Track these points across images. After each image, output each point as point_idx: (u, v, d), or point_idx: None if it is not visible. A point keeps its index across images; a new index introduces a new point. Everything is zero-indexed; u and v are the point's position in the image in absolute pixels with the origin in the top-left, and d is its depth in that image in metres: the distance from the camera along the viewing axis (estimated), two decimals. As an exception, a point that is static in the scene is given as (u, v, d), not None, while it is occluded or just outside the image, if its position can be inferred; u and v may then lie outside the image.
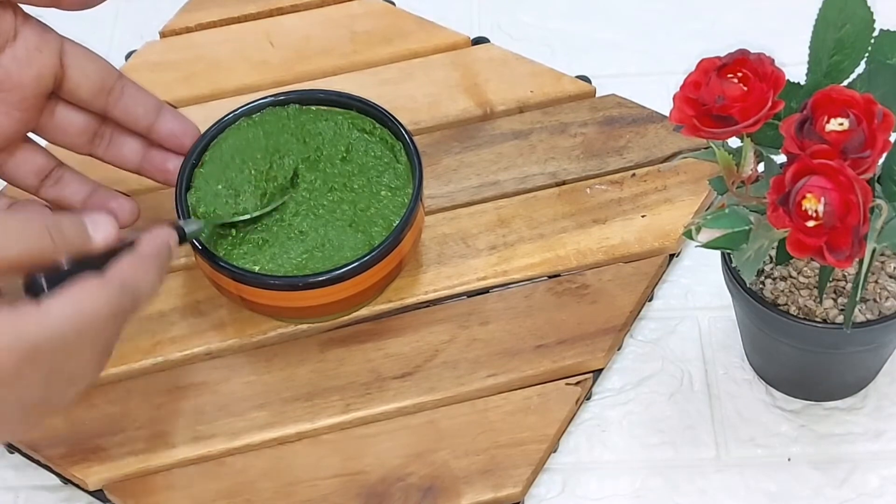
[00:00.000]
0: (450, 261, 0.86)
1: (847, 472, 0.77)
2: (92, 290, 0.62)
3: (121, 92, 0.79)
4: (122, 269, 0.65)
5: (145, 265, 0.67)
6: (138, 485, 0.78)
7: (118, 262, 0.66)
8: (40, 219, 0.63)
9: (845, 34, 0.69)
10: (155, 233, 0.70)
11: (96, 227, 0.66)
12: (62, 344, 0.60)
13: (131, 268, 0.66)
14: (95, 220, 0.66)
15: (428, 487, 0.77)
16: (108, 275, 0.64)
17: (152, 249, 0.68)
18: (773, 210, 0.63)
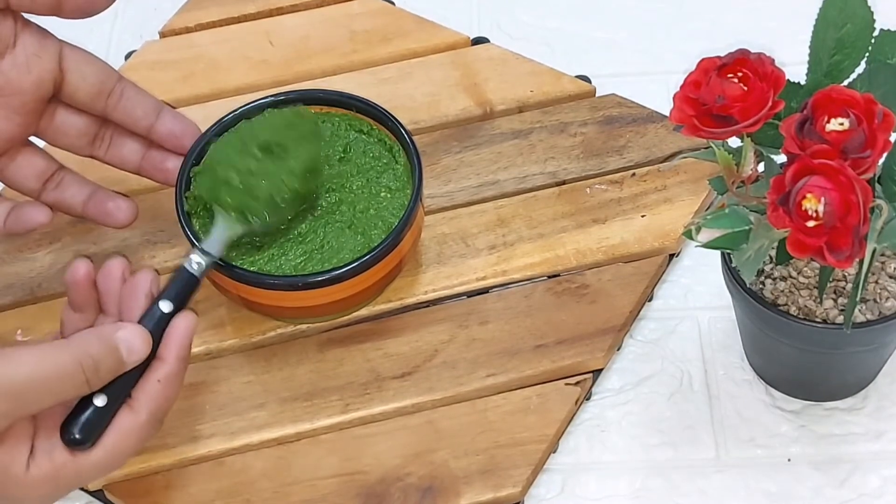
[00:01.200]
0: (449, 261, 0.86)
1: (847, 472, 0.77)
2: (125, 434, 0.67)
3: (120, 94, 0.79)
4: (154, 399, 0.68)
5: (175, 384, 0.69)
6: (138, 484, 0.78)
7: (148, 386, 0.68)
8: (75, 357, 0.65)
9: (846, 34, 0.69)
10: (179, 331, 0.70)
11: (131, 351, 0.67)
12: (91, 477, 0.68)
13: (164, 393, 0.69)
14: (131, 344, 0.67)
15: (427, 487, 0.77)
16: (141, 408, 0.68)
17: (179, 358, 0.69)
18: (773, 210, 0.63)
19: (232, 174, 0.77)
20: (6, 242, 0.89)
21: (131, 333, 0.67)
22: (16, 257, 0.89)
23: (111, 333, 0.67)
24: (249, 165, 0.77)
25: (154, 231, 0.89)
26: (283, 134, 0.79)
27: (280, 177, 0.77)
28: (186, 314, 0.71)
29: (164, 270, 0.87)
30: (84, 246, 0.89)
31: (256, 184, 0.77)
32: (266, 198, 0.77)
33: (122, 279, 0.71)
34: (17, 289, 0.87)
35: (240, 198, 0.77)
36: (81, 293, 0.71)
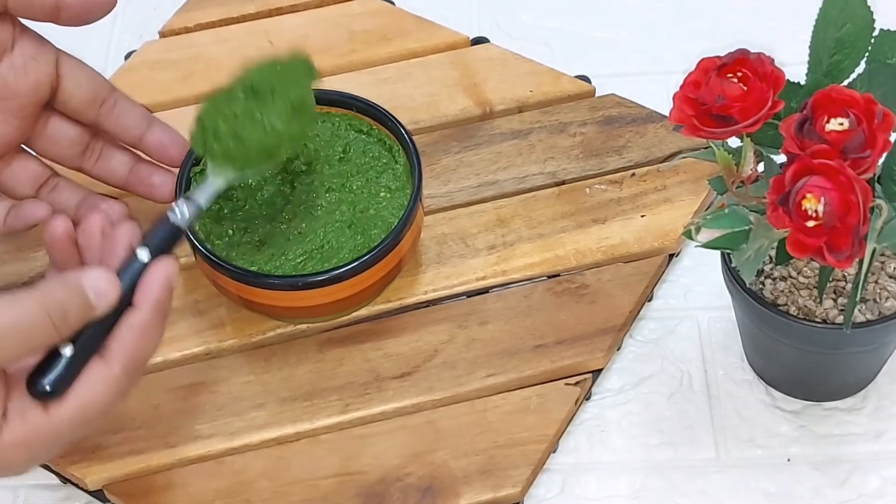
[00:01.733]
0: (449, 261, 0.86)
1: (847, 472, 0.77)
2: (97, 384, 0.64)
3: (113, 103, 0.80)
4: (126, 348, 0.65)
5: (149, 332, 0.66)
6: (137, 484, 0.78)
7: (121, 334, 0.65)
8: (41, 304, 0.62)
9: (845, 34, 0.69)
10: (154, 276, 0.67)
11: (99, 294, 0.64)
12: (68, 435, 0.64)
13: (137, 342, 0.65)
14: (98, 287, 0.64)
15: (427, 488, 0.77)
16: (113, 358, 0.65)
17: (154, 305, 0.66)
18: (772, 210, 0.63)
19: (219, 121, 0.75)
20: (6, 242, 0.89)
21: (97, 277, 0.64)
22: (16, 257, 0.89)
23: (77, 279, 0.64)
24: (234, 110, 0.75)
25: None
26: (269, 76, 0.76)
27: (266, 118, 0.74)
28: (165, 261, 0.67)
29: (163, 270, 0.87)
30: (84, 246, 0.89)
31: (242, 127, 0.74)
32: (254, 141, 0.74)
33: (103, 234, 0.69)
34: (17, 288, 0.87)
35: (226, 143, 0.74)
36: (62, 251, 0.69)
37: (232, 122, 0.74)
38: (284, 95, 0.75)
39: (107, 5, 0.78)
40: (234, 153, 0.74)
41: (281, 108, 0.74)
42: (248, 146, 0.74)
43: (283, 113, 0.74)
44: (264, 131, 0.74)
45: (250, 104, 0.75)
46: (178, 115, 0.94)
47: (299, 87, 0.76)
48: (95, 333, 0.65)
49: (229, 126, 0.74)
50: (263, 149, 0.74)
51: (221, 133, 0.74)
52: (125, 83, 0.97)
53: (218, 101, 0.76)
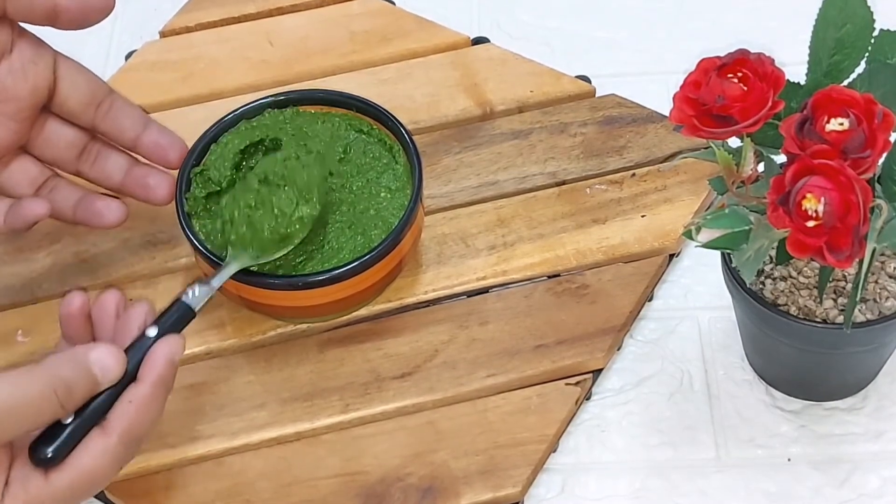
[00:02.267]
0: (449, 261, 0.86)
1: (847, 472, 0.77)
2: (96, 454, 0.66)
3: (110, 105, 0.80)
4: (126, 420, 0.66)
5: (149, 407, 0.67)
6: (138, 484, 0.78)
7: (122, 408, 0.67)
8: (48, 382, 0.64)
9: (845, 34, 0.69)
10: (159, 353, 0.68)
11: (104, 370, 0.66)
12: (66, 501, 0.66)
13: (136, 415, 0.67)
14: (103, 363, 0.66)
15: (427, 488, 0.77)
16: (112, 429, 0.66)
17: (156, 381, 0.68)
18: (773, 210, 0.63)
19: (234, 211, 0.78)
20: (6, 243, 0.89)
21: (105, 353, 0.66)
22: (16, 258, 0.89)
23: (84, 354, 0.66)
24: (248, 200, 0.78)
25: (154, 232, 0.89)
26: (281, 165, 0.79)
27: (278, 206, 0.77)
28: (171, 337, 0.69)
29: (163, 271, 0.87)
30: (84, 247, 0.89)
31: (257, 217, 0.77)
32: (264, 225, 0.77)
33: (117, 313, 0.71)
34: (17, 289, 0.87)
35: (240, 230, 0.77)
36: (76, 325, 0.70)
37: (246, 210, 0.78)
38: (293, 182, 0.78)
39: (104, 10, 0.78)
40: (248, 239, 0.77)
41: (290, 194, 0.78)
42: (259, 231, 0.77)
43: (292, 198, 0.78)
44: (275, 216, 0.77)
45: (262, 192, 0.78)
46: (179, 115, 0.95)
47: (310, 172, 0.79)
48: (99, 404, 0.66)
49: (243, 214, 0.78)
50: (275, 234, 0.77)
51: (236, 221, 0.78)
52: (125, 83, 0.97)
53: (237, 193, 0.80)
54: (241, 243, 0.77)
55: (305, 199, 0.78)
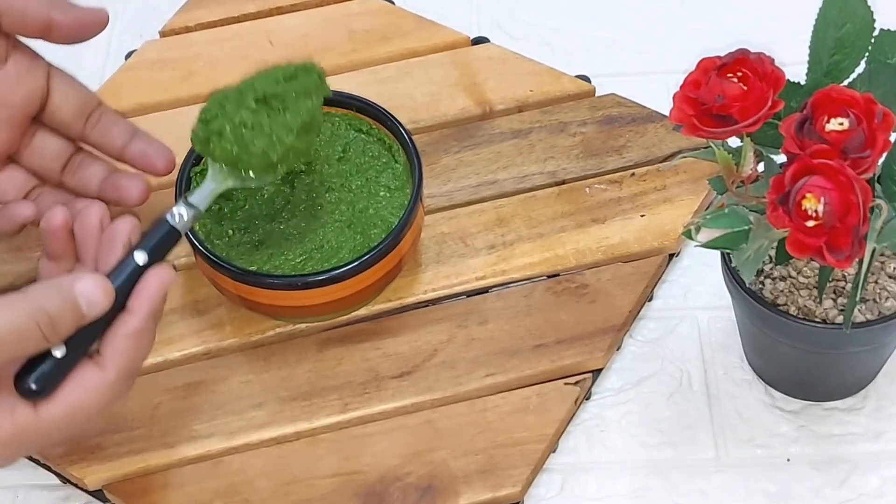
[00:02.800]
0: (448, 260, 0.86)
1: (847, 472, 0.77)
2: (90, 388, 0.65)
3: (99, 117, 0.80)
4: (123, 356, 0.66)
5: (143, 340, 0.67)
6: (137, 484, 0.78)
7: (116, 341, 0.66)
8: (28, 313, 0.62)
9: (845, 33, 0.69)
10: (151, 284, 0.67)
11: (91, 303, 0.65)
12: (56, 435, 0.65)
13: (133, 350, 0.66)
14: (90, 295, 0.64)
15: (426, 487, 0.77)
16: (110, 365, 0.65)
17: (149, 314, 0.67)
18: (772, 210, 0.63)
19: (225, 126, 0.74)
20: (6, 242, 0.89)
21: (91, 285, 0.64)
22: (15, 257, 0.89)
23: (69, 285, 0.64)
24: (244, 118, 0.74)
25: (153, 230, 0.89)
26: (282, 87, 0.76)
27: (275, 131, 0.75)
28: (161, 268, 0.68)
29: (163, 270, 0.87)
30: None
31: (250, 137, 0.74)
32: (259, 152, 0.74)
33: (101, 227, 0.69)
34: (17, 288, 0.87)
35: (231, 150, 0.74)
36: (58, 242, 0.69)
37: (239, 129, 0.74)
38: (296, 111, 0.75)
39: (98, 26, 0.78)
40: (235, 159, 0.74)
41: (291, 124, 0.75)
42: (251, 155, 0.74)
43: (292, 128, 0.75)
44: (271, 143, 0.74)
45: (261, 114, 0.75)
46: (179, 115, 0.95)
47: (310, 102, 0.76)
48: (86, 335, 0.65)
49: (236, 132, 0.74)
50: (266, 159, 0.74)
51: (226, 137, 0.74)
52: (125, 83, 0.97)
53: (225, 102, 0.76)
54: (226, 159, 0.75)
55: (304, 130, 0.75)
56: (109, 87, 0.98)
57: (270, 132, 0.74)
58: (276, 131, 0.74)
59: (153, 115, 0.95)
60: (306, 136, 0.76)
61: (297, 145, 0.75)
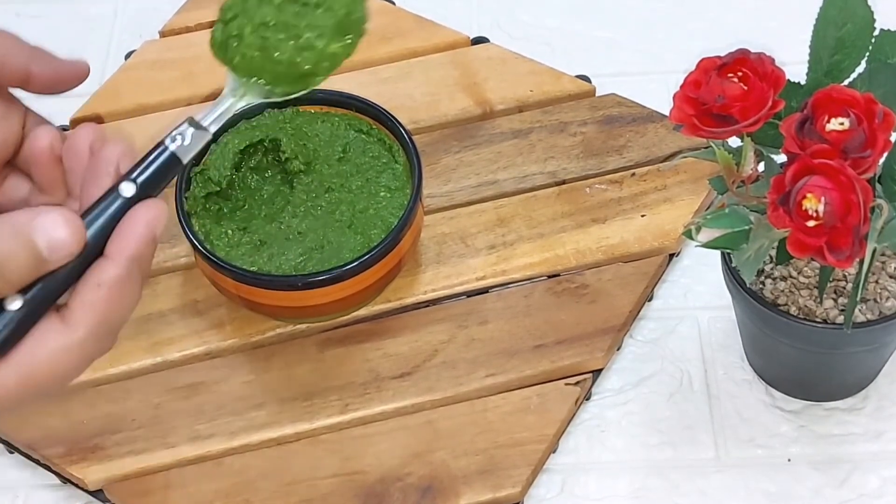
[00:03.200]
0: (449, 260, 0.86)
1: (847, 472, 0.77)
2: (57, 350, 0.53)
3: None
4: (95, 310, 0.54)
5: (123, 291, 0.54)
6: (137, 484, 0.78)
7: (87, 292, 0.53)
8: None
9: (846, 33, 0.69)
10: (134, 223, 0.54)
11: (53, 246, 0.52)
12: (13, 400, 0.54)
13: (108, 302, 0.54)
14: (52, 236, 0.52)
15: (426, 487, 0.77)
16: (78, 321, 0.53)
17: (130, 258, 0.54)
18: (773, 210, 0.62)
19: (245, 24, 0.61)
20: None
21: (54, 222, 0.52)
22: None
23: (26, 223, 0.52)
24: (266, 15, 0.61)
25: (153, 231, 0.89)
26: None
27: (305, 32, 0.60)
28: (151, 203, 0.55)
29: (162, 270, 0.87)
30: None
31: (274, 40, 0.60)
32: (285, 59, 0.60)
33: (91, 153, 0.57)
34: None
35: (253, 57, 0.60)
36: (44, 169, 0.58)
37: (261, 30, 0.60)
38: (331, 5, 0.61)
39: (77, 79, 0.66)
40: (258, 68, 0.60)
41: (325, 21, 0.61)
42: (275, 62, 0.60)
43: (326, 27, 0.60)
44: (299, 47, 0.60)
45: (287, 10, 0.61)
46: (178, 115, 0.94)
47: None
48: (51, 285, 0.53)
49: (257, 34, 0.60)
50: (295, 68, 0.60)
51: (246, 40, 0.60)
52: (125, 83, 0.97)
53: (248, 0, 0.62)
54: (248, 69, 0.61)
55: (341, 29, 0.61)
56: (109, 88, 0.98)
57: (299, 32, 0.60)
58: (306, 31, 0.60)
59: (153, 115, 0.95)
60: (344, 38, 0.61)
61: (332, 49, 0.61)
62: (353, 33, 0.62)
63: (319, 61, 0.61)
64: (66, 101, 0.96)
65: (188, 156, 0.57)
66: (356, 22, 0.62)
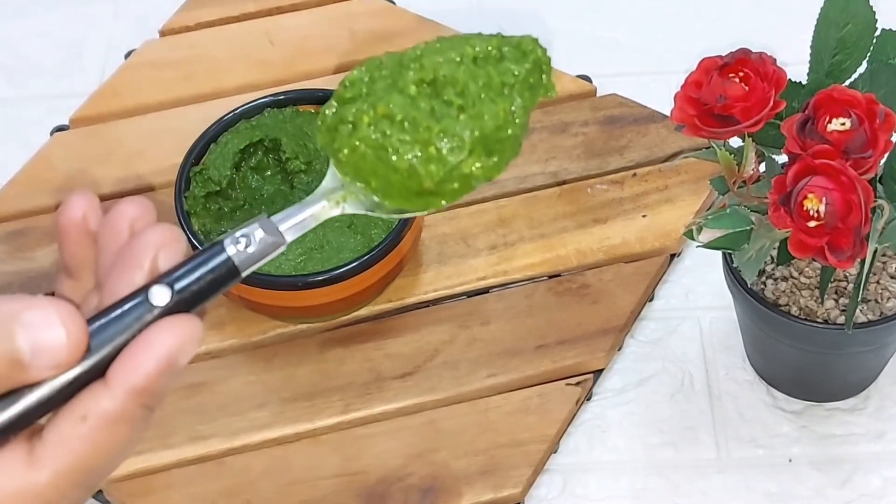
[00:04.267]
0: (450, 260, 0.86)
1: (848, 473, 0.77)
2: (13, 490, 0.41)
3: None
4: (65, 447, 0.41)
5: (114, 431, 0.42)
6: (138, 484, 0.78)
7: (67, 428, 0.41)
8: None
9: (847, 33, 0.69)
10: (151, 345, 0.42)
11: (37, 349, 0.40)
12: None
13: (89, 444, 0.41)
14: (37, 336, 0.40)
15: (428, 488, 0.77)
16: (44, 460, 0.41)
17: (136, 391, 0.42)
18: (774, 210, 0.62)
19: (364, 113, 0.48)
20: (6, 242, 0.89)
21: (45, 319, 0.40)
22: (15, 257, 0.89)
23: (13, 314, 0.41)
24: (394, 107, 0.48)
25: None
26: (467, 69, 0.49)
27: (439, 139, 0.48)
28: (183, 321, 0.42)
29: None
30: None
31: (396, 138, 0.48)
32: (404, 166, 0.47)
33: (130, 232, 0.45)
34: (17, 289, 0.87)
35: (364, 153, 0.48)
36: (74, 247, 0.46)
37: (383, 123, 0.48)
38: (479, 112, 0.48)
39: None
40: (368, 170, 0.48)
41: (466, 130, 0.48)
42: (392, 168, 0.48)
43: (466, 139, 0.48)
44: (426, 157, 0.48)
45: (422, 105, 0.48)
46: (178, 115, 0.95)
47: (507, 102, 0.49)
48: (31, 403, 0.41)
49: (377, 127, 0.48)
50: (413, 181, 0.48)
51: (361, 132, 0.48)
52: (125, 82, 0.97)
53: (378, 76, 0.50)
54: (356, 169, 0.48)
55: (486, 148, 0.48)
56: (109, 87, 0.97)
57: (430, 139, 0.48)
58: (439, 139, 0.48)
59: (153, 115, 0.95)
60: (487, 158, 0.48)
61: (467, 170, 0.48)
62: (501, 154, 0.48)
63: (447, 180, 0.47)
64: (65, 100, 0.97)
65: (249, 268, 0.44)
66: (508, 140, 0.48)
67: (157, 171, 0.91)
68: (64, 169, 0.92)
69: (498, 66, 0.49)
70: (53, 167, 0.93)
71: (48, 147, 0.95)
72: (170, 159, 0.88)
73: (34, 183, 0.92)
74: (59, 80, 1.01)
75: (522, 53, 0.49)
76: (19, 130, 0.98)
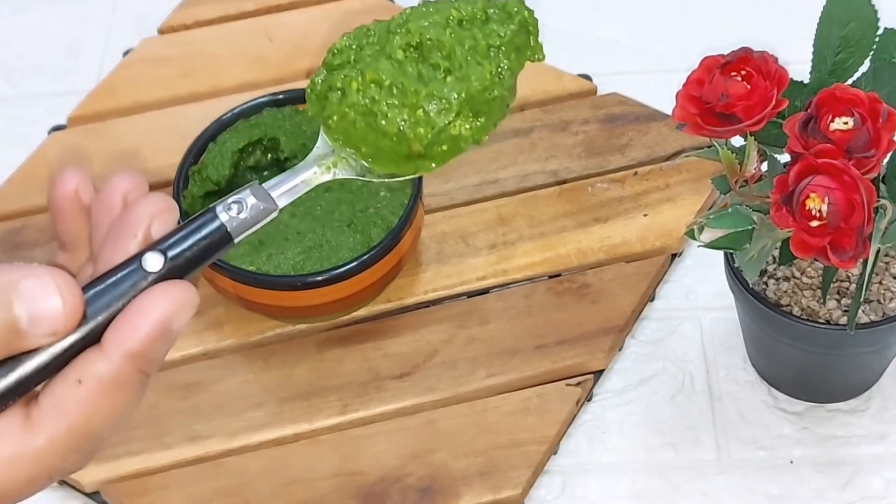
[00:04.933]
0: (449, 260, 0.86)
1: (850, 474, 0.77)
2: (9, 456, 0.42)
3: None
4: (62, 411, 0.42)
5: (112, 395, 0.43)
6: (135, 485, 0.78)
7: (64, 393, 0.42)
8: None
9: (850, 32, 0.68)
10: (147, 310, 0.42)
11: (34, 316, 0.41)
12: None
13: (85, 409, 0.42)
14: (34, 303, 0.41)
15: (426, 488, 0.76)
16: (40, 426, 0.42)
17: (128, 354, 0.42)
18: (776, 210, 0.62)
19: (353, 79, 0.50)
20: (4, 241, 0.89)
21: (42, 287, 0.41)
22: (13, 256, 0.88)
23: (10, 283, 0.41)
24: (381, 72, 0.50)
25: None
26: (453, 32, 0.50)
27: (426, 101, 0.49)
28: (177, 287, 0.43)
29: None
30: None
31: (384, 103, 0.49)
32: (392, 130, 0.49)
33: (123, 205, 0.46)
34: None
35: (353, 118, 0.49)
36: (67, 221, 0.47)
37: (371, 89, 0.49)
38: (465, 74, 0.49)
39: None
40: (358, 136, 0.49)
41: (453, 92, 0.49)
42: (382, 133, 0.49)
43: (453, 101, 0.49)
44: (414, 120, 0.49)
45: (409, 69, 0.49)
46: (177, 113, 0.94)
47: (492, 64, 0.50)
48: (29, 370, 0.42)
49: (365, 93, 0.49)
50: (403, 146, 0.49)
51: (350, 98, 0.49)
52: (123, 80, 0.97)
53: (365, 43, 0.52)
54: (346, 135, 0.49)
55: (473, 109, 0.49)
56: (107, 85, 0.97)
57: (417, 102, 0.49)
58: (426, 101, 0.49)
59: (151, 113, 0.95)
60: (474, 119, 0.49)
61: (455, 131, 0.49)
62: (488, 115, 0.49)
63: (435, 143, 0.48)
64: (64, 99, 0.97)
65: (242, 233, 0.45)
66: (495, 102, 0.49)
67: (155, 169, 0.91)
68: (62, 167, 0.92)
69: (483, 28, 0.50)
70: (51, 166, 0.93)
71: (46, 145, 0.94)
72: (168, 158, 0.87)
73: (32, 181, 0.92)
74: (56, 78, 1.01)
75: (508, 15, 0.50)
76: (17, 129, 0.98)
